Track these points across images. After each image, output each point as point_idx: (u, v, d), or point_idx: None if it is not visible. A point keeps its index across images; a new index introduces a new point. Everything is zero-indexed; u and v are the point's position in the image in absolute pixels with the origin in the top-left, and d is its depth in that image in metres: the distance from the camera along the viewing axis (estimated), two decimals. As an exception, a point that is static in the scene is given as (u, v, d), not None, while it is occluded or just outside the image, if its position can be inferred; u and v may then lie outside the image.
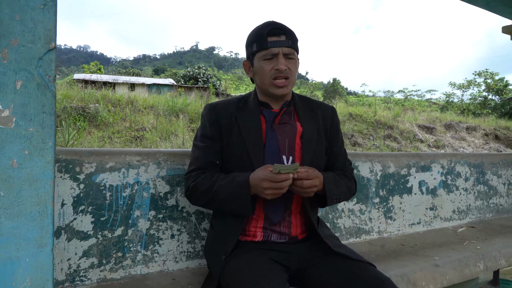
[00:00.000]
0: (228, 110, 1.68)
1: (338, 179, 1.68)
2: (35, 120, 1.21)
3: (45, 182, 1.22)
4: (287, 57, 1.61)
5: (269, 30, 1.60)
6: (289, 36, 1.62)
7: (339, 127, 1.84)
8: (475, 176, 3.22)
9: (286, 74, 1.61)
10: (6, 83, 1.17)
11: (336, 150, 1.80)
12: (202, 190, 1.56)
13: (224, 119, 1.65)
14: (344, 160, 1.83)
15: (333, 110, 1.83)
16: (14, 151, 1.18)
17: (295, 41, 1.64)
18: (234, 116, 1.65)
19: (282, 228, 1.62)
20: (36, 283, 1.21)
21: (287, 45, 1.60)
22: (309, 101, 1.81)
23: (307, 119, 1.72)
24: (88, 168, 1.66)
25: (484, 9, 4.23)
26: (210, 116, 1.67)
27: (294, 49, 1.63)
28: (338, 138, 1.81)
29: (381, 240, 2.52)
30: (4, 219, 1.16)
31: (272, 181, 1.42)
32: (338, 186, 1.66)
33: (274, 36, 1.60)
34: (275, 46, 1.59)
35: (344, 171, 1.80)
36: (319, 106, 1.81)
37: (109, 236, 1.68)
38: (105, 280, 1.66)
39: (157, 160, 1.82)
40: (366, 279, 1.47)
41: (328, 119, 1.78)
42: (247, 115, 1.66)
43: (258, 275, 1.40)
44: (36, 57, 1.22)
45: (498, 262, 2.25)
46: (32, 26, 1.21)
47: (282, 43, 1.60)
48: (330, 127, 1.78)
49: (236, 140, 1.62)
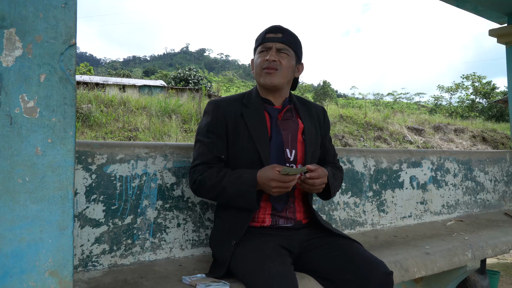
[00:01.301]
0: (233, 106, 1.79)
1: (335, 173, 1.88)
2: (57, 111, 1.29)
3: (66, 168, 1.30)
4: (279, 52, 1.76)
5: (269, 28, 1.79)
6: (286, 35, 1.77)
7: (329, 125, 2.03)
8: (463, 172, 3.35)
9: (274, 66, 1.75)
10: (31, 76, 1.26)
11: (328, 145, 1.99)
12: (210, 184, 1.65)
13: (230, 115, 1.75)
14: (334, 154, 2.03)
15: (324, 110, 2.01)
16: (38, 139, 1.26)
17: (292, 41, 1.78)
18: (240, 112, 1.76)
19: (288, 214, 1.75)
20: (58, 263, 1.29)
21: (280, 40, 1.76)
22: (304, 100, 1.97)
23: (306, 116, 1.87)
24: (99, 159, 1.74)
25: (472, 13, 4.38)
26: (217, 112, 1.76)
27: (289, 46, 1.77)
28: (328, 134, 2.01)
29: (374, 232, 2.63)
30: (29, 203, 1.25)
31: (280, 181, 1.55)
32: (336, 179, 1.86)
33: (272, 33, 1.78)
34: (270, 41, 1.77)
35: (335, 163, 2.00)
36: (313, 105, 1.98)
37: (119, 224, 1.77)
38: (116, 266, 1.75)
39: (164, 153, 1.91)
40: (359, 260, 1.58)
41: (320, 117, 1.96)
42: (253, 111, 1.78)
43: (264, 258, 1.50)
44: (58, 53, 1.30)
45: (485, 252, 2.37)
46: (54, 24, 1.30)
47: (276, 38, 1.76)
48: (323, 124, 1.95)
49: (243, 135, 1.73)
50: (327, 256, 1.65)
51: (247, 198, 1.61)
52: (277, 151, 1.73)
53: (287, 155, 1.75)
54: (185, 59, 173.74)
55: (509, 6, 4.05)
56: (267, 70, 1.75)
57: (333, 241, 1.70)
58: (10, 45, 1.24)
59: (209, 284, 1.49)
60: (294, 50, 1.80)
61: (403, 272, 1.96)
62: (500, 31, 4.20)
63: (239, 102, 1.81)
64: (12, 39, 1.24)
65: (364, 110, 17.08)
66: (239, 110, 1.77)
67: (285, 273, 1.42)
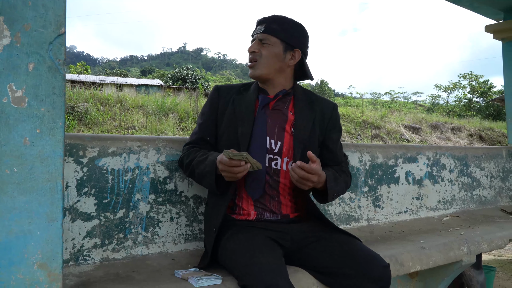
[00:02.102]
0: (230, 92, 1.82)
1: (337, 176, 1.76)
2: (46, 101, 1.28)
3: (55, 160, 1.29)
4: (262, 42, 1.76)
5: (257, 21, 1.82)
6: (269, 24, 1.76)
7: (339, 124, 1.91)
8: (459, 168, 3.34)
9: (254, 57, 1.77)
10: (19, 65, 1.24)
11: (332, 145, 1.86)
12: (186, 163, 1.75)
13: (223, 99, 1.80)
14: (341, 155, 1.92)
15: (334, 106, 1.90)
16: (26, 129, 1.24)
17: (276, 29, 1.75)
18: (232, 98, 1.80)
19: (272, 207, 1.72)
20: (47, 256, 1.27)
21: (262, 31, 1.76)
22: (311, 94, 1.89)
23: (303, 109, 1.80)
24: (91, 152, 1.72)
25: (468, 9, 4.37)
26: (213, 95, 1.84)
27: (271, 34, 1.75)
28: (336, 132, 1.88)
29: (370, 227, 2.62)
30: (17, 194, 1.23)
31: (225, 164, 1.52)
32: (337, 183, 1.74)
33: (258, 25, 1.80)
34: (254, 33, 1.81)
35: (341, 166, 1.88)
36: (321, 100, 1.88)
37: (111, 218, 1.75)
38: (108, 260, 1.73)
39: (157, 146, 1.89)
40: (359, 256, 1.57)
41: (327, 114, 1.85)
42: (244, 98, 1.79)
43: (254, 251, 1.48)
44: (47, 41, 1.29)
45: (481, 247, 2.36)
46: (43, 12, 1.28)
47: (258, 29, 1.78)
48: (328, 122, 1.85)
49: (228, 118, 1.76)
50: (323, 251, 1.63)
51: (208, 180, 1.62)
52: (259, 139, 1.70)
53: (271, 145, 1.71)
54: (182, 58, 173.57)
55: (504, 2, 4.05)
56: (249, 63, 1.79)
57: (330, 236, 1.68)
58: (-2, 33, 1.22)
59: (201, 277, 1.48)
60: (278, 37, 1.75)
61: (398, 266, 1.94)
62: (496, 27, 4.19)
63: (237, 90, 1.84)
64: (0, 27, 1.22)
65: (361, 109, 17.08)
66: (234, 96, 1.81)
67: (275, 266, 1.41)
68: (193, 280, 1.46)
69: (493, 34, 4.23)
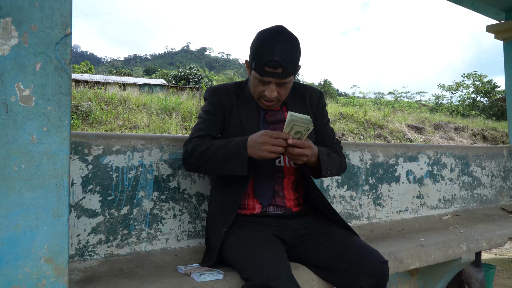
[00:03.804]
0: (229, 94, 1.82)
1: (330, 153, 1.79)
2: (52, 100, 1.31)
3: (62, 157, 1.32)
4: (279, 85, 1.68)
5: (267, 61, 1.60)
6: (286, 69, 1.62)
7: (325, 108, 1.97)
8: (460, 167, 3.36)
9: (274, 99, 1.72)
10: (27, 65, 1.28)
11: (322, 127, 1.92)
12: (200, 151, 1.65)
13: (226, 101, 1.80)
14: (332, 137, 1.95)
15: (321, 94, 1.96)
16: (33, 127, 1.28)
17: (292, 69, 1.65)
18: (235, 101, 1.80)
19: (277, 201, 1.76)
20: (53, 250, 1.31)
21: (282, 77, 1.64)
22: (298, 87, 1.92)
23: (296, 108, 1.84)
24: (96, 150, 1.76)
25: (470, 9, 4.39)
26: (214, 98, 1.82)
27: (289, 76, 1.66)
28: (323, 117, 1.94)
29: (370, 225, 2.64)
30: (25, 190, 1.27)
31: (272, 136, 1.52)
32: (331, 158, 1.76)
33: (271, 68, 1.61)
34: (269, 76, 1.64)
35: (334, 147, 1.91)
36: (308, 90, 1.93)
37: (115, 215, 1.79)
38: (112, 256, 1.77)
39: (160, 145, 1.92)
40: (356, 251, 1.60)
41: (314, 100, 1.91)
42: (246, 103, 1.81)
43: (257, 245, 1.52)
44: (54, 42, 1.32)
45: (480, 244, 2.39)
46: (50, 13, 1.31)
47: (276, 75, 1.63)
48: (316, 107, 1.91)
49: (236, 123, 1.77)
50: (322, 247, 1.67)
51: (237, 160, 1.58)
52: None
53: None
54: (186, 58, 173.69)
55: (506, 2, 4.06)
56: (267, 103, 1.74)
57: (328, 232, 1.72)
58: (6, 34, 1.25)
59: (203, 272, 1.51)
60: (295, 72, 1.69)
61: (397, 263, 1.97)
62: (498, 27, 4.21)
63: (234, 91, 1.84)
64: (8, 28, 1.25)
65: (365, 108, 17.09)
66: (234, 99, 1.82)
67: (276, 261, 1.44)
68: (195, 275, 1.49)
69: (495, 34, 4.24)
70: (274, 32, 1.65)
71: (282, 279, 1.39)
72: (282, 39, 1.63)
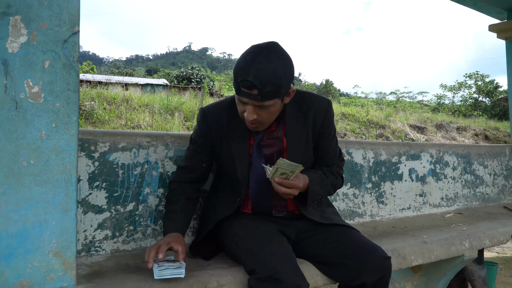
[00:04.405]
0: (219, 120, 1.74)
1: (324, 179, 1.75)
2: (61, 97, 1.33)
3: (70, 153, 1.34)
4: (259, 107, 1.55)
5: (241, 81, 1.49)
6: (262, 91, 1.48)
7: (332, 123, 1.81)
8: (462, 165, 3.38)
9: (255, 123, 1.60)
10: (36, 62, 1.30)
11: (325, 144, 1.81)
12: (167, 198, 1.79)
13: (216, 129, 1.74)
14: (333, 156, 1.84)
15: (327, 105, 1.78)
16: (42, 123, 1.30)
17: (271, 92, 1.49)
18: (225, 130, 1.73)
19: (279, 208, 1.80)
20: (62, 245, 1.33)
21: (257, 99, 1.50)
22: (303, 100, 1.76)
23: (295, 129, 1.73)
24: (102, 147, 1.78)
25: (472, 8, 4.39)
26: (203, 125, 1.75)
27: (269, 99, 1.51)
28: (328, 133, 1.80)
29: (373, 223, 2.66)
30: (34, 185, 1.29)
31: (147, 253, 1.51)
32: (322, 186, 1.73)
33: (245, 88, 1.49)
34: (245, 96, 1.51)
35: (331, 168, 1.83)
36: (313, 104, 1.76)
37: (121, 211, 1.81)
38: (118, 251, 1.79)
39: (165, 142, 1.94)
40: (359, 247, 1.62)
41: (319, 118, 1.76)
42: (236, 131, 1.72)
43: (262, 238, 1.54)
44: (62, 40, 1.34)
45: (483, 242, 2.40)
46: (58, 12, 1.33)
47: (252, 96, 1.49)
48: (322, 124, 1.77)
49: (225, 154, 1.75)
50: (324, 242, 1.69)
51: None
52: (257, 171, 1.71)
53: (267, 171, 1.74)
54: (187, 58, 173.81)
55: (508, 1, 4.07)
56: (249, 125, 1.63)
57: (331, 228, 1.74)
58: (16, 31, 1.27)
59: (162, 264, 1.44)
60: (276, 97, 1.52)
61: (400, 259, 1.99)
62: (500, 26, 4.22)
63: (226, 116, 1.74)
64: (18, 26, 1.28)
65: (367, 108, 17.09)
66: (224, 126, 1.73)
67: (282, 254, 1.46)
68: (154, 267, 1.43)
69: (497, 33, 4.25)
70: (259, 49, 1.50)
71: (289, 271, 1.41)
72: (264, 58, 1.47)
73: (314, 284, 1.67)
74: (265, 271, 1.41)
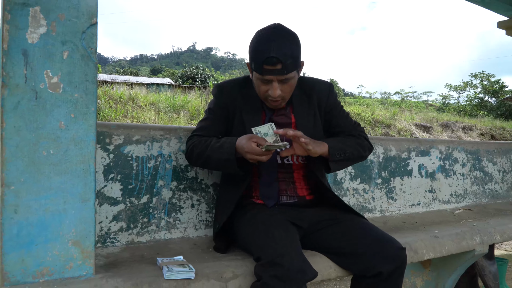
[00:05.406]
0: (233, 93, 1.83)
1: (344, 140, 1.81)
2: (79, 87, 1.35)
3: (88, 143, 1.36)
4: (282, 82, 1.65)
5: (266, 59, 1.59)
6: (285, 64, 1.60)
7: (337, 101, 1.92)
8: (471, 162, 3.37)
9: (279, 98, 1.69)
10: (55, 53, 1.32)
11: (337, 121, 1.90)
12: (196, 153, 1.74)
13: (230, 101, 1.82)
14: (348, 125, 1.91)
15: (329, 87, 1.90)
16: (61, 114, 1.32)
17: (293, 64, 1.63)
18: (239, 102, 1.81)
19: (289, 192, 1.81)
20: (80, 234, 1.35)
21: (282, 73, 1.61)
22: (306, 84, 1.87)
23: (302, 107, 1.84)
24: (116, 140, 1.79)
25: (479, 5, 4.38)
26: (220, 97, 1.84)
27: (291, 72, 1.64)
28: (336, 109, 1.90)
29: (383, 218, 2.66)
30: (53, 174, 1.30)
31: (255, 154, 1.57)
32: (342, 142, 1.78)
33: (270, 65, 1.59)
34: (270, 73, 1.62)
35: (350, 132, 1.89)
36: (316, 86, 1.88)
37: (136, 203, 1.82)
38: (133, 243, 1.80)
39: (178, 135, 1.96)
40: (374, 236, 1.62)
41: (323, 98, 1.86)
42: (250, 105, 1.81)
43: (269, 228, 1.55)
44: (80, 31, 1.36)
45: (493, 237, 2.40)
46: (76, 3, 1.35)
47: (276, 71, 1.61)
48: (325, 105, 1.87)
49: (238, 126, 1.79)
50: (338, 233, 1.69)
51: (229, 166, 1.67)
52: None
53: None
54: (192, 57, 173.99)
55: (517, -2, 4.06)
56: (273, 102, 1.73)
57: (345, 220, 1.74)
58: (35, 22, 1.29)
59: (171, 268, 1.43)
60: (296, 67, 1.67)
61: (412, 253, 1.99)
62: (509, 23, 4.21)
63: (240, 90, 1.83)
64: (37, 17, 1.29)
65: (372, 107, 17.07)
66: (239, 98, 1.82)
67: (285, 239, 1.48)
68: (164, 270, 1.43)
69: (506, 30, 4.24)
70: (269, 30, 1.65)
71: (291, 255, 1.42)
72: (278, 36, 1.62)
73: (327, 276, 1.68)
74: (267, 257, 1.42)
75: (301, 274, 1.41)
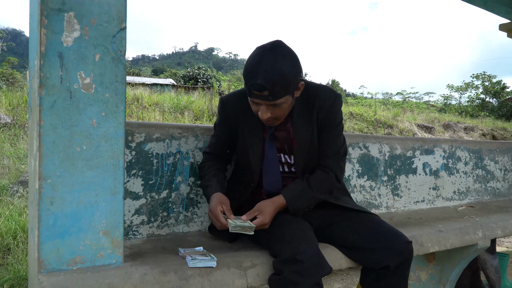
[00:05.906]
0: (235, 109, 1.85)
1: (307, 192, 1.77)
2: (110, 88, 1.44)
3: (118, 140, 1.45)
4: (272, 106, 1.62)
5: (252, 85, 1.56)
6: (272, 92, 1.55)
7: (336, 117, 1.81)
8: (474, 161, 3.47)
9: (270, 120, 1.68)
10: (88, 55, 1.41)
11: (325, 138, 1.82)
12: (199, 175, 1.94)
13: (233, 117, 1.86)
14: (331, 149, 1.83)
15: (333, 100, 1.80)
16: (93, 112, 1.41)
17: (281, 90, 1.57)
18: (240, 119, 1.84)
19: None
20: (110, 225, 1.44)
21: (269, 100, 1.58)
22: (310, 92, 1.79)
23: (302, 119, 1.80)
24: (138, 137, 1.89)
25: (482, 8, 4.46)
26: (222, 114, 1.89)
27: (280, 97, 1.59)
28: (330, 127, 1.81)
29: (389, 214, 2.76)
30: (86, 169, 1.40)
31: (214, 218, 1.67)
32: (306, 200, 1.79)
33: (256, 90, 1.57)
34: (257, 98, 1.60)
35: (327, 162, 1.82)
36: (319, 95, 1.79)
37: (156, 198, 1.92)
38: (154, 236, 1.90)
39: (195, 133, 2.05)
40: (382, 231, 1.71)
41: (324, 110, 1.79)
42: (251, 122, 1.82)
43: (284, 224, 1.65)
44: (111, 35, 1.45)
45: (495, 232, 2.49)
46: (107, 9, 1.44)
47: (263, 97, 1.58)
48: (324, 117, 1.79)
49: (241, 144, 1.86)
50: (349, 228, 1.78)
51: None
52: (271, 162, 1.83)
53: (286, 160, 1.85)
54: (193, 58, 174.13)
55: (519, 1, 4.15)
56: (265, 123, 1.72)
57: (354, 215, 1.83)
58: (70, 27, 1.38)
59: (195, 257, 1.51)
60: (286, 94, 1.60)
61: (418, 246, 2.08)
62: (511, 26, 4.29)
63: (242, 106, 1.83)
64: (71, 21, 1.39)
65: (374, 108, 17.16)
66: (240, 115, 1.84)
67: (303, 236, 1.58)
68: (188, 259, 1.51)
69: (507, 32, 4.33)
70: (263, 51, 1.58)
71: (309, 252, 1.51)
72: (270, 59, 1.54)
73: (338, 266, 1.77)
74: (286, 254, 1.52)
75: (319, 269, 1.51)
